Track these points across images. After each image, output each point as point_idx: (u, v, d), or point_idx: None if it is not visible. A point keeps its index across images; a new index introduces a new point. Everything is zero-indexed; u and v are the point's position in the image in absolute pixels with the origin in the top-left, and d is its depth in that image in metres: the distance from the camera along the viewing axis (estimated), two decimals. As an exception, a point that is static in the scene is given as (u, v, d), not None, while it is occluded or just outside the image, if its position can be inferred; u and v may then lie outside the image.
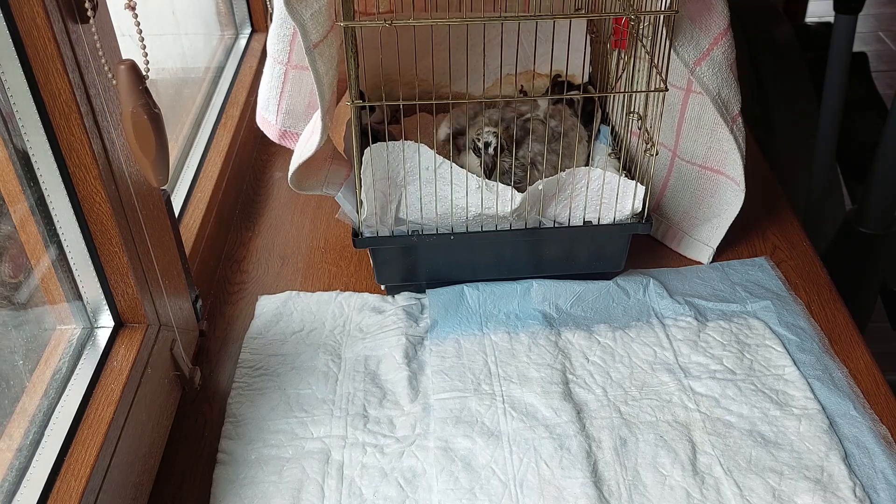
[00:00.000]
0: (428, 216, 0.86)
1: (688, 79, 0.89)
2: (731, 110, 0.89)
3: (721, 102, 0.88)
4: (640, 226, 0.88)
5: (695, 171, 0.93)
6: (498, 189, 0.84)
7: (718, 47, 0.85)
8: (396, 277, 0.92)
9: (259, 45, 1.35)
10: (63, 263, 0.68)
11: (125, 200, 0.67)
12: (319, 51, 0.76)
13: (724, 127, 0.88)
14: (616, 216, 0.87)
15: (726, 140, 0.89)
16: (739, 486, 0.71)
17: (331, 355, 0.85)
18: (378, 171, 0.83)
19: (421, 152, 0.83)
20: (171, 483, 0.75)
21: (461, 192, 0.84)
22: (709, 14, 0.84)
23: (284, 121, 0.93)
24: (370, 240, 0.88)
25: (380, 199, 0.85)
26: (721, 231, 0.95)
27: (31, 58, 0.58)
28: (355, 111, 0.81)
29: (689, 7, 0.84)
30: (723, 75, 0.87)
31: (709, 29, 0.85)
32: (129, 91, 0.58)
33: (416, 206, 0.86)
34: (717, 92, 0.87)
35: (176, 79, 1.17)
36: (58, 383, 0.67)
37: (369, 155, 0.82)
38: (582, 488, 0.71)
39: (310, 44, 0.75)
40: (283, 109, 0.92)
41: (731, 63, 0.87)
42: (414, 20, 0.76)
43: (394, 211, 0.87)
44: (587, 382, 0.81)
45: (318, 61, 0.76)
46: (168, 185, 1.00)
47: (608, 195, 0.86)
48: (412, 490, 0.72)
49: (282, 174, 1.18)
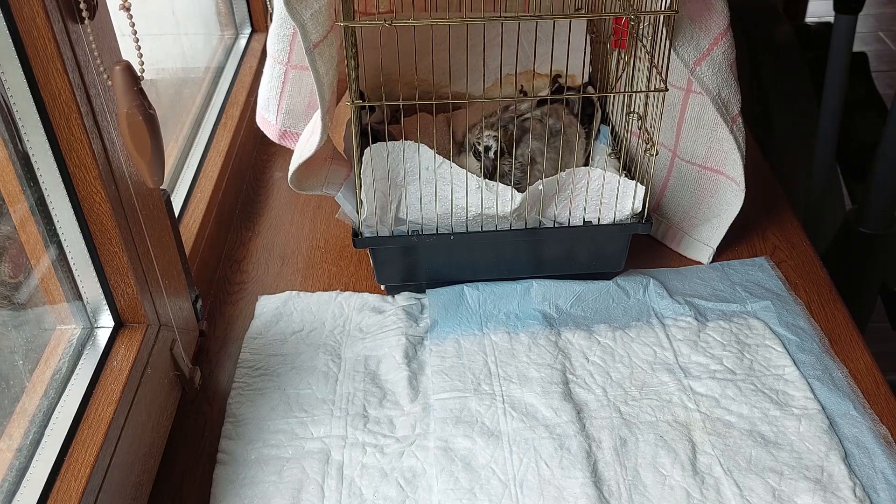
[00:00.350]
0: (428, 216, 0.86)
1: (688, 79, 0.89)
2: (732, 110, 0.89)
3: (721, 102, 0.88)
4: (640, 226, 0.88)
5: (695, 171, 0.93)
6: (498, 189, 0.84)
7: (718, 47, 0.85)
8: (396, 277, 0.92)
9: (259, 45, 1.35)
10: (63, 263, 0.68)
11: (125, 200, 0.67)
12: (319, 51, 0.76)
13: (725, 127, 0.88)
14: (616, 216, 0.87)
15: (726, 140, 0.89)
16: (739, 486, 0.71)
17: (331, 355, 0.85)
18: (378, 170, 0.83)
19: (421, 152, 0.83)
20: (171, 483, 0.75)
21: (461, 192, 0.84)
22: (709, 14, 0.84)
23: (284, 121, 0.93)
24: (370, 240, 0.88)
25: (380, 199, 0.85)
26: (721, 231, 0.95)
27: (31, 58, 0.58)
28: (355, 111, 0.81)
29: (689, 7, 0.84)
30: (723, 75, 0.87)
31: (709, 29, 0.85)
32: (125, 92, 0.58)
33: (416, 206, 0.86)
34: (718, 92, 0.87)
35: (176, 79, 1.17)
36: (58, 383, 0.67)
37: (369, 155, 0.82)
38: (582, 488, 0.71)
39: (310, 44, 0.75)
40: (283, 109, 0.92)
41: (731, 63, 0.87)
42: (414, 20, 0.76)
43: (394, 211, 0.87)
44: (587, 382, 0.81)
45: (318, 61, 0.76)
46: (168, 185, 1.01)
47: (608, 195, 0.86)
48: (412, 490, 0.72)
49: (282, 174, 1.18)
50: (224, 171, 1.05)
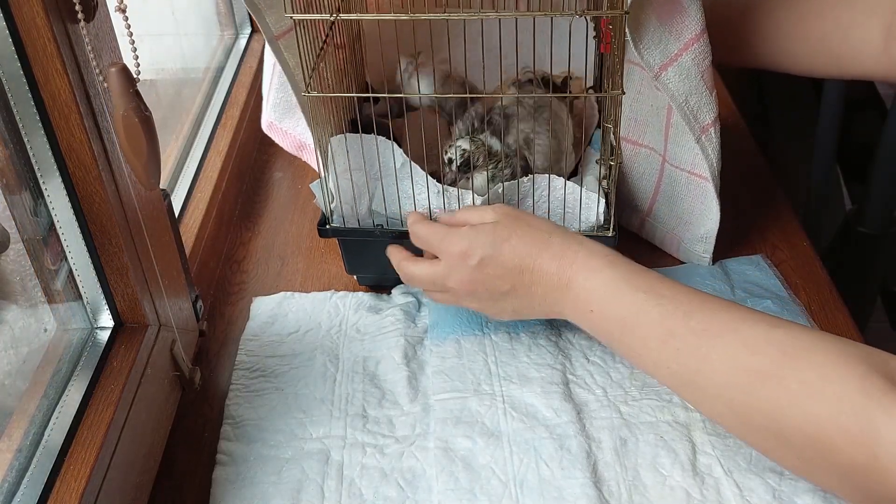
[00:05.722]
0: (394, 212, 0.87)
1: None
2: (702, 119, 0.85)
3: (689, 111, 0.84)
4: (606, 238, 0.84)
5: (684, 177, 0.91)
6: (459, 194, 0.84)
7: (689, 53, 0.81)
8: (366, 269, 0.93)
9: (259, 45, 1.35)
10: (63, 263, 0.68)
11: (125, 200, 0.67)
12: (286, 42, 0.78)
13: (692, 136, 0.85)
14: (581, 226, 0.85)
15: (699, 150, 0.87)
16: (739, 486, 0.71)
17: (328, 356, 0.85)
18: (353, 160, 0.83)
19: (393, 149, 0.83)
20: (171, 483, 0.75)
21: (424, 194, 0.84)
22: (680, 17, 0.81)
23: (271, 113, 0.95)
24: (335, 231, 0.88)
25: (350, 190, 0.85)
26: (710, 239, 0.93)
27: (31, 58, 0.58)
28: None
29: (657, 8, 0.80)
30: (692, 82, 0.83)
31: (679, 33, 0.81)
32: (120, 94, 0.58)
33: (390, 200, 0.86)
34: (685, 99, 0.84)
35: (176, 79, 1.17)
36: (58, 383, 0.67)
37: (338, 144, 0.83)
38: (582, 488, 0.71)
39: (271, 35, 0.76)
40: (271, 101, 0.95)
41: (703, 70, 0.83)
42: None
43: (367, 203, 0.87)
44: (587, 383, 0.81)
45: (285, 53, 0.78)
46: (168, 185, 1.01)
47: (571, 205, 0.84)
48: (412, 490, 0.72)
49: (282, 174, 1.18)
50: (224, 171, 1.06)
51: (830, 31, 0.88)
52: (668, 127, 0.89)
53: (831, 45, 0.89)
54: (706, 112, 0.85)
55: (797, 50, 0.92)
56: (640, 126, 0.93)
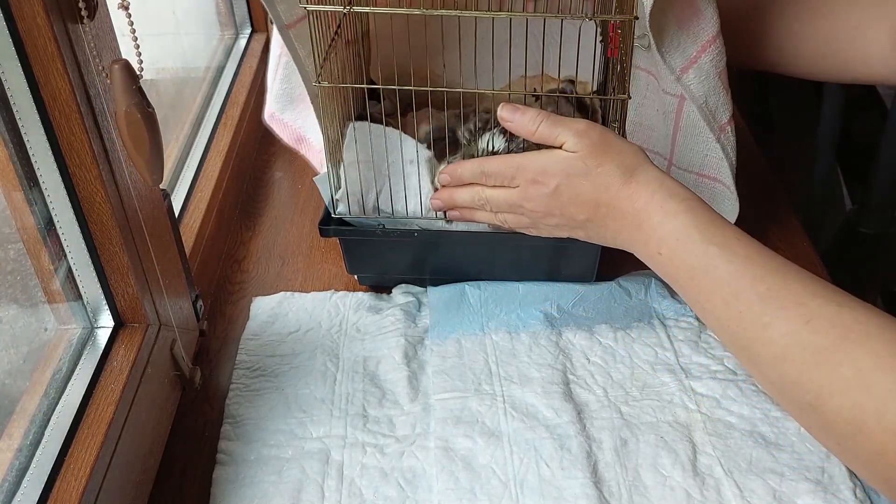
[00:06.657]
0: (399, 210, 0.87)
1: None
2: (720, 118, 0.87)
3: (708, 111, 0.86)
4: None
5: (692, 179, 0.92)
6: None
7: (706, 55, 0.83)
8: (367, 269, 0.93)
9: (259, 45, 1.35)
10: (63, 263, 0.68)
11: (125, 200, 0.67)
12: (296, 32, 0.78)
13: (712, 136, 0.87)
14: None
15: (718, 148, 0.88)
16: (740, 487, 0.71)
17: (328, 356, 0.85)
18: (362, 152, 0.83)
19: (403, 141, 0.83)
20: (171, 483, 0.74)
21: (427, 190, 0.85)
22: (697, 20, 0.82)
23: (274, 104, 0.95)
24: (336, 230, 0.88)
25: (359, 184, 0.85)
26: None
27: (31, 58, 0.58)
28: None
29: (676, 12, 0.82)
30: (710, 83, 0.85)
31: (697, 35, 0.83)
32: (123, 90, 0.58)
33: (397, 196, 0.86)
34: (705, 100, 0.85)
35: (176, 79, 1.17)
36: (58, 383, 0.67)
37: (353, 133, 0.83)
38: (582, 489, 0.71)
39: (282, 24, 0.76)
40: (274, 91, 0.95)
41: (719, 71, 0.85)
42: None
43: (375, 199, 0.87)
44: (588, 383, 0.81)
45: (295, 42, 0.77)
46: (168, 185, 1.01)
47: None
48: (412, 490, 0.72)
49: (282, 174, 1.18)
50: (224, 171, 1.05)
51: (838, 31, 0.89)
52: (677, 131, 0.89)
53: (839, 47, 0.89)
54: (723, 111, 0.87)
55: (804, 51, 0.92)
56: (646, 130, 0.93)
